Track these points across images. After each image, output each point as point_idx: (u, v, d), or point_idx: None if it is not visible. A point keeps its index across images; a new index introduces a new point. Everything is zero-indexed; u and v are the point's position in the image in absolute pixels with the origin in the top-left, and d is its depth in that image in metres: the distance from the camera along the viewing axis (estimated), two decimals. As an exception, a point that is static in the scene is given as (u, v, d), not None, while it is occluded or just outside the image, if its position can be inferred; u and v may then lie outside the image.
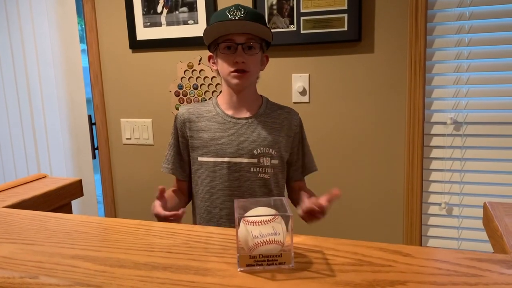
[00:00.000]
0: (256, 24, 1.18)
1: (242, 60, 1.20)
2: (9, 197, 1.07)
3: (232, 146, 1.27)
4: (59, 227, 0.84)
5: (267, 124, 1.30)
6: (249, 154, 1.27)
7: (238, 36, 1.20)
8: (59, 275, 0.64)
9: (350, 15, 1.74)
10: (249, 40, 1.21)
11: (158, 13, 2.01)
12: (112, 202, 2.29)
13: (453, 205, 1.80)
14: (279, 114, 1.33)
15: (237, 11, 1.18)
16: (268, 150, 1.28)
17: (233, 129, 1.28)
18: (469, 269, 0.62)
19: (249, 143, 1.27)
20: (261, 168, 1.28)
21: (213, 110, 1.33)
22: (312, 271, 0.63)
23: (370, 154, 1.85)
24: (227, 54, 1.22)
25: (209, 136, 1.29)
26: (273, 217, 0.65)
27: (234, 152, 1.27)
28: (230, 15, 1.18)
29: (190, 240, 0.75)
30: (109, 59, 2.17)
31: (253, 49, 1.23)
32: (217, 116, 1.31)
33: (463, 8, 1.68)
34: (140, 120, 2.16)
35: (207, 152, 1.29)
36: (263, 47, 1.27)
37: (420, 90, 1.73)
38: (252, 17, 1.19)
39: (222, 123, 1.30)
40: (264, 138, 1.28)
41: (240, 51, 1.20)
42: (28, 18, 2.24)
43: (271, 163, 1.29)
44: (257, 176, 1.28)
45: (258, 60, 1.26)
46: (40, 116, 2.33)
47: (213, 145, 1.28)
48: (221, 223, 1.31)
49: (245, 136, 1.28)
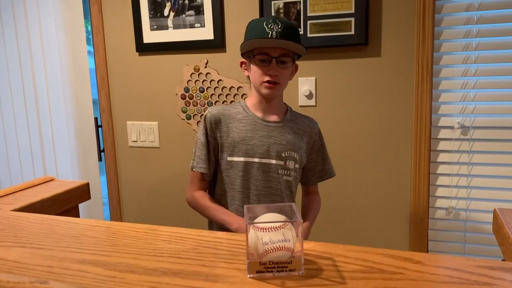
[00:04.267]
0: (291, 43, 1.24)
1: (275, 74, 1.27)
2: (17, 200, 1.08)
3: (262, 147, 1.32)
4: (67, 231, 0.84)
5: (293, 130, 1.37)
6: (278, 156, 1.32)
7: (273, 50, 1.26)
8: (68, 280, 0.64)
9: (357, 19, 1.73)
10: (283, 56, 1.27)
11: (165, 16, 2.01)
12: (118, 204, 2.29)
13: (460, 209, 1.79)
14: (302, 121, 1.41)
15: (275, 25, 1.24)
16: (293, 154, 1.35)
17: (264, 131, 1.34)
18: (481, 277, 0.61)
19: (278, 146, 1.33)
20: (286, 171, 1.35)
21: (243, 112, 1.37)
22: (323, 278, 0.63)
23: (377, 158, 1.85)
24: (261, 66, 1.27)
25: (240, 136, 1.33)
26: (283, 224, 0.64)
27: (264, 153, 1.32)
28: (268, 28, 1.23)
29: (199, 245, 0.75)
30: (115, 61, 2.17)
31: (286, 63, 1.28)
32: (247, 118, 1.35)
33: (470, 12, 1.67)
34: (146, 122, 2.16)
35: (238, 152, 1.33)
36: (294, 59, 1.32)
37: (427, 94, 1.72)
38: (288, 32, 1.24)
39: (252, 125, 1.34)
40: (290, 142, 1.34)
41: (274, 64, 1.26)
42: (35, 21, 2.25)
43: (294, 166, 1.36)
44: (283, 178, 1.35)
45: (289, 73, 1.33)
46: (46, 118, 2.33)
47: (244, 145, 1.32)
48: None
49: (274, 139, 1.33)
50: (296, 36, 1.27)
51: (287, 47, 1.26)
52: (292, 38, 1.24)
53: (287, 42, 1.23)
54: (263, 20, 1.26)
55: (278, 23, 1.24)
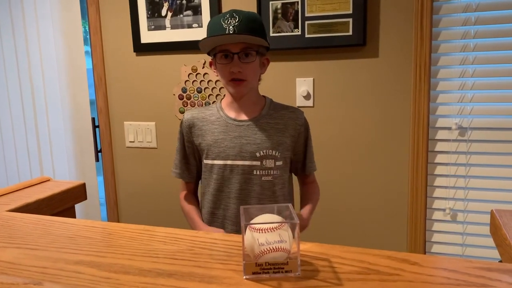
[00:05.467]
0: (249, 37, 1.18)
1: (239, 70, 1.21)
2: (12, 200, 1.07)
3: (234, 149, 1.28)
4: (63, 232, 0.84)
5: (270, 126, 1.30)
6: (252, 157, 1.27)
7: (233, 45, 1.21)
8: (63, 281, 0.64)
9: (355, 20, 1.73)
10: (245, 49, 1.21)
11: (163, 17, 2.01)
12: (115, 205, 2.28)
13: (458, 210, 1.79)
14: (283, 115, 1.33)
15: (232, 19, 1.18)
16: (272, 152, 1.28)
17: (236, 131, 1.29)
18: (478, 279, 0.61)
19: (251, 146, 1.27)
20: (264, 171, 1.28)
21: (216, 114, 1.34)
22: (319, 280, 0.62)
23: (374, 158, 1.84)
24: (223, 64, 1.23)
25: (213, 139, 1.30)
26: (280, 224, 0.64)
27: (236, 155, 1.28)
28: (225, 23, 1.18)
29: (194, 246, 0.75)
30: (113, 61, 2.17)
31: (250, 56, 1.23)
32: (220, 119, 1.32)
33: (468, 13, 1.67)
34: (143, 123, 2.16)
35: (211, 155, 1.31)
36: (261, 52, 1.27)
37: (425, 95, 1.72)
38: (247, 24, 1.18)
39: (224, 126, 1.31)
40: (266, 140, 1.28)
41: (236, 60, 1.21)
42: (32, 20, 2.24)
43: (275, 165, 1.29)
44: (261, 179, 1.28)
45: (256, 66, 1.26)
46: (43, 118, 2.33)
47: (216, 148, 1.29)
48: (225, 224, 1.32)
49: (247, 139, 1.28)
50: (256, 28, 1.21)
51: (245, 41, 1.20)
52: (252, 30, 1.19)
53: (245, 36, 1.17)
54: (220, 16, 1.20)
55: (235, 17, 1.18)
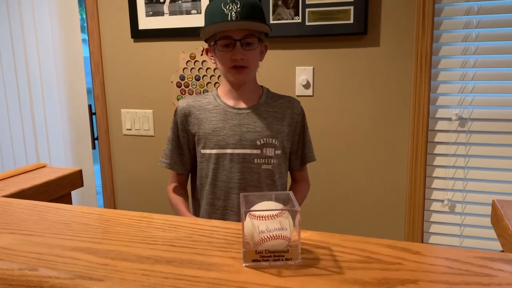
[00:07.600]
0: (253, 23, 1.16)
1: (241, 57, 1.19)
2: (7, 186, 1.05)
3: (234, 137, 1.25)
4: (59, 218, 0.83)
5: (269, 114, 1.29)
6: (252, 145, 1.25)
7: (235, 32, 1.18)
8: (59, 267, 0.62)
9: (356, 8, 1.71)
10: (247, 36, 1.19)
11: (161, 2, 1.98)
12: (112, 193, 2.27)
13: (456, 202, 1.78)
14: (280, 104, 1.32)
15: (233, 4, 1.15)
16: (271, 140, 1.27)
17: (235, 119, 1.27)
18: (481, 269, 0.60)
19: (251, 134, 1.26)
20: (264, 159, 1.27)
21: (213, 102, 1.31)
22: (320, 268, 0.61)
23: (374, 148, 1.83)
24: (226, 51, 1.20)
25: (211, 128, 1.27)
26: (280, 212, 0.63)
27: (236, 143, 1.25)
28: (226, 9, 1.15)
29: (193, 233, 0.74)
30: (110, 48, 2.14)
31: (251, 44, 1.21)
32: (218, 108, 1.29)
33: (471, 2, 1.65)
34: (141, 110, 2.14)
35: (209, 144, 1.27)
36: (261, 39, 1.25)
37: (426, 85, 1.71)
38: (249, 11, 1.16)
39: (223, 114, 1.28)
40: (266, 128, 1.27)
41: (238, 47, 1.18)
42: (28, 6, 2.20)
43: (275, 153, 1.28)
44: (261, 168, 1.27)
45: (257, 54, 1.25)
46: (39, 105, 2.30)
47: (215, 136, 1.26)
48: (226, 214, 1.29)
49: (247, 127, 1.26)
50: (259, 14, 1.19)
51: (250, 28, 1.18)
52: (255, 16, 1.17)
53: (250, 22, 1.15)
54: (220, 1, 1.17)
55: (236, 2, 1.15)
